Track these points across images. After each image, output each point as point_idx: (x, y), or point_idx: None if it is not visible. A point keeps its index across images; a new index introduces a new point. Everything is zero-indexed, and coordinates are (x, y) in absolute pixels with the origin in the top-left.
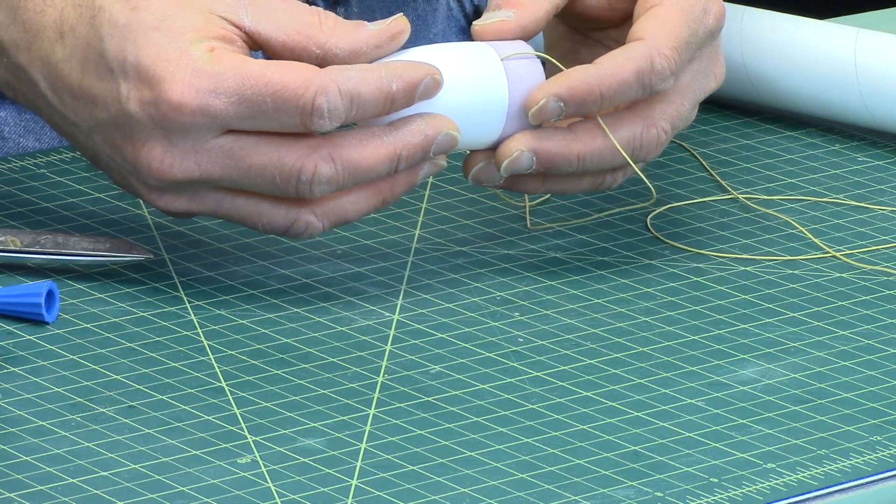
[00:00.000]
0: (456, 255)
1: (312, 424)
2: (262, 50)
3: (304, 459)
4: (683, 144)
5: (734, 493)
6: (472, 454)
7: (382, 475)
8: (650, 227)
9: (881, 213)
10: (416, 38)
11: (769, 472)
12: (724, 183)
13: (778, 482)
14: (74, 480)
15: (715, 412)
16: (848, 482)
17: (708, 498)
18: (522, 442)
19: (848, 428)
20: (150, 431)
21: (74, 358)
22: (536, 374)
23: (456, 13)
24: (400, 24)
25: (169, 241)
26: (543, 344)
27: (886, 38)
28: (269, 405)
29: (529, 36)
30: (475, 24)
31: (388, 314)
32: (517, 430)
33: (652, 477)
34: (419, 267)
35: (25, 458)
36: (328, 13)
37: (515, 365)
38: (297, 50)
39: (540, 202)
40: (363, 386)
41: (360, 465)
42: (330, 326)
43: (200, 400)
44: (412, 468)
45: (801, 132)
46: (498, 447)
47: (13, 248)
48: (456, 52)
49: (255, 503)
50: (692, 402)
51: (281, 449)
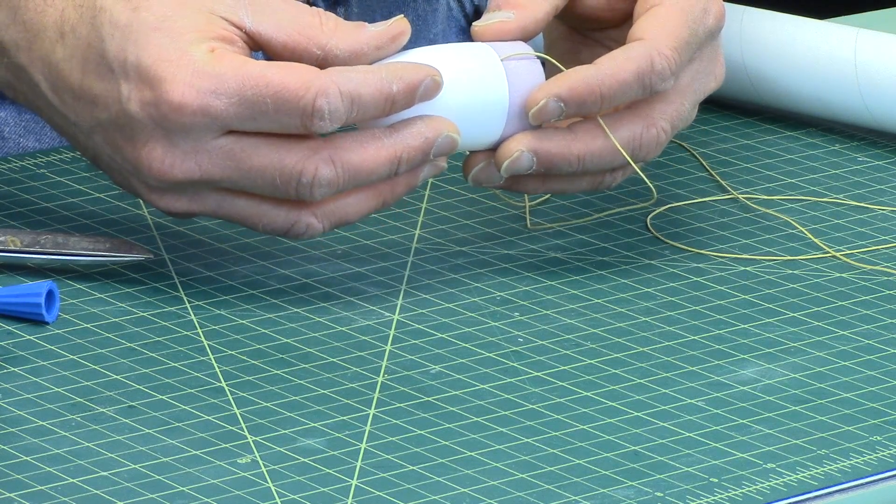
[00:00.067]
0: (456, 255)
1: (312, 424)
2: (262, 50)
3: (304, 459)
4: (683, 144)
5: (734, 493)
6: (472, 454)
7: (382, 475)
8: (650, 227)
9: (881, 213)
10: (416, 37)
11: (769, 472)
12: (724, 183)
13: (778, 482)
14: (74, 480)
15: (715, 412)
16: (848, 482)
17: (708, 498)
18: (522, 442)
19: (848, 428)
20: (150, 431)
21: (74, 358)
22: (536, 374)
23: (456, 13)
24: (401, 25)
25: (169, 241)
26: (543, 344)
27: (886, 38)
28: (269, 405)
29: (529, 37)
30: (475, 24)
31: (388, 314)
32: (517, 430)
33: (652, 477)
34: (419, 267)
35: (25, 458)
36: (329, 14)
37: (515, 365)
38: (297, 51)
39: (540, 202)
40: (363, 386)
41: (360, 465)
42: (330, 326)
43: (200, 400)
44: (412, 468)
45: (801, 132)
46: (498, 447)
47: (13, 248)
48: (456, 52)
49: (255, 503)
50: (692, 402)
51: (281, 449)
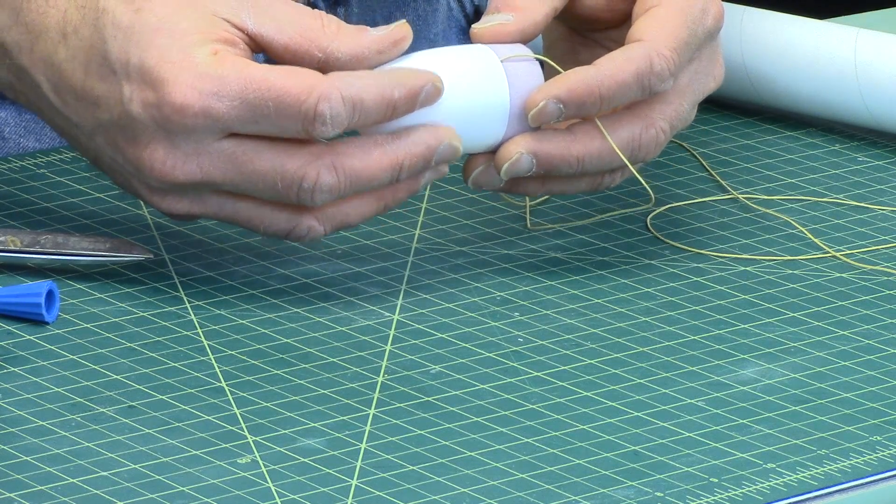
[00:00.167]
0: (456, 255)
1: (312, 424)
2: (263, 52)
3: (304, 459)
4: (683, 144)
5: (734, 493)
6: (472, 454)
7: (382, 475)
8: (650, 227)
9: (881, 213)
10: (416, 37)
11: (769, 472)
12: (724, 183)
13: (778, 482)
14: (74, 480)
15: (715, 412)
16: (848, 482)
17: (708, 498)
18: (522, 442)
19: (848, 428)
20: (150, 431)
21: (74, 358)
22: (536, 374)
23: (456, 13)
24: (403, 30)
25: (169, 241)
26: (543, 344)
27: (886, 38)
28: (269, 405)
29: (528, 39)
30: (474, 27)
31: (388, 314)
32: (517, 430)
33: (652, 477)
34: (419, 267)
35: (25, 458)
36: (331, 17)
37: (515, 365)
38: (299, 53)
39: (540, 202)
40: (363, 386)
41: (360, 465)
42: (330, 326)
43: (200, 400)
44: (412, 468)
45: (801, 132)
46: (498, 447)
47: (13, 248)
48: (456, 55)
49: (255, 503)
50: (692, 402)
51: (281, 449)
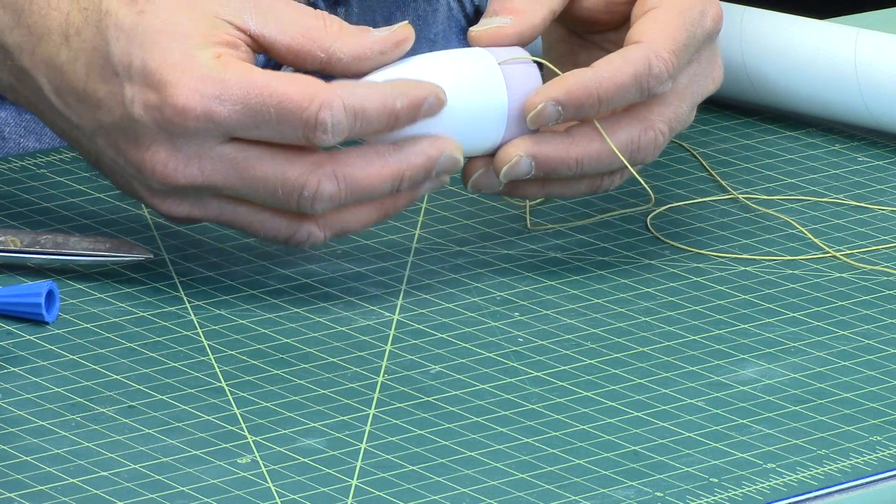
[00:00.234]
0: (456, 255)
1: (312, 424)
2: (266, 53)
3: (304, 459)
4: (683, 144)
5: (734, 493)
6: (472, 454)
7: (382, 475)
8: (650, 227)
9: (881, 213)
10: (416, 37)
11: (769, 472)
12: (724, 183)
13: (778, 482)
14: (74, 480)
15: (715, 412)
16: (848, 482)
17: (708, 498)
18: (522, 442)
19: (848, 428)
20: (150, 431)
21: (74, 358)
22: (536, 374)
23: (456, 13)
24: (405, 31)
25: (169, 241)
26: (543, 344)
27: (886, 38)
28: (269, 405)
29: (527, 42)
30: (472, 30)
31: (388, 314)
32: (517, 430)
33: (652, 477)
34: (419, 267)
35: (25, 458)
36: (333, 17)
37: (515, 365)
38: (301, 53)
39: (540, 202)
40: (363, 386)
41: (360, 465)
42: (330, 326)
43: (200, 400)
44: (412, 468)
45: (801, 132)
46: (498, 447)
47: (13, 248)
48: (453, 58)
49: (255, 503)
50: (692, 402)
51: (281, 449)
